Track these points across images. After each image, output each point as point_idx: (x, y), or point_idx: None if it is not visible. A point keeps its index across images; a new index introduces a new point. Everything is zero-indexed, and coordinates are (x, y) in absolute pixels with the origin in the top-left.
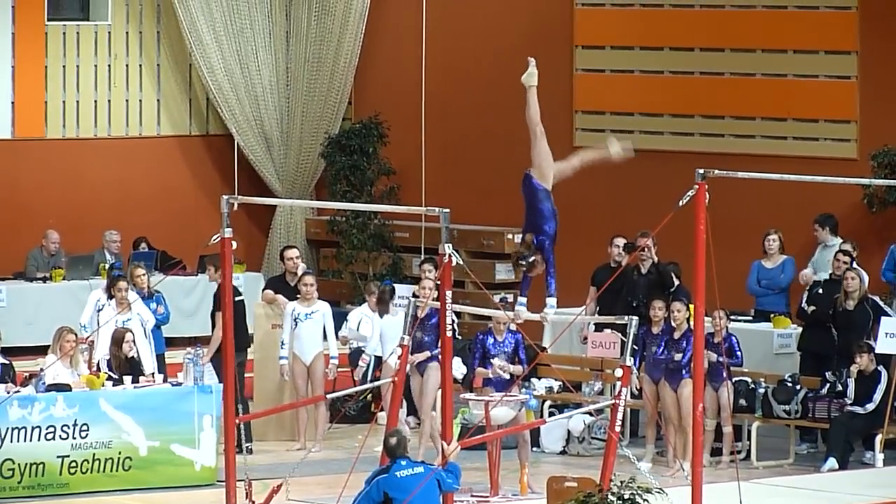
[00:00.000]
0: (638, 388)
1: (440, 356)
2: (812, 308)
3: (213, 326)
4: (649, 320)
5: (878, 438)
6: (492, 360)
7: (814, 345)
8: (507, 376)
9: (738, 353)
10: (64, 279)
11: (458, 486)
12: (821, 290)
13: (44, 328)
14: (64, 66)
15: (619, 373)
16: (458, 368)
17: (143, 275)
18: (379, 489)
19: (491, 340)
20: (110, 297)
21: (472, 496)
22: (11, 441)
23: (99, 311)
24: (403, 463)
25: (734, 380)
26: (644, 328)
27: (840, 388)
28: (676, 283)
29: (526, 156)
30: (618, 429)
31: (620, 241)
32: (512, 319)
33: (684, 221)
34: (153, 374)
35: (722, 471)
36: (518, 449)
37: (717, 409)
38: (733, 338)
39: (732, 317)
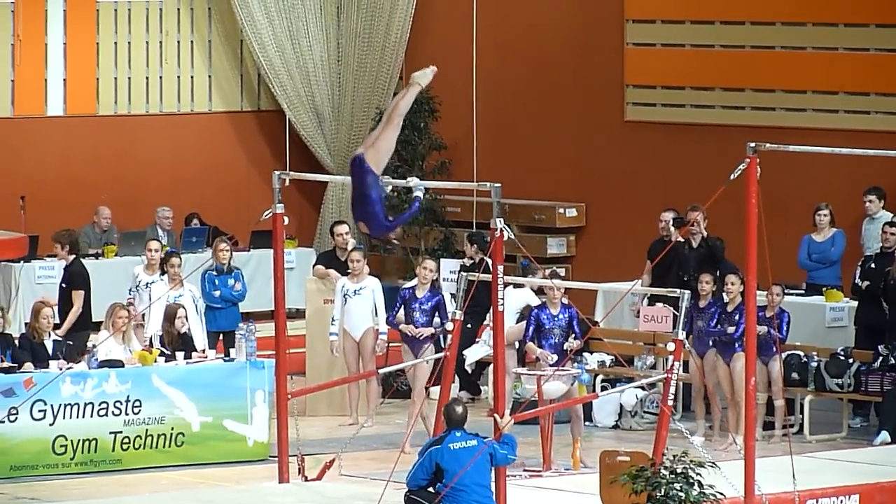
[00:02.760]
0: (685, 360)
1: (436, 337)
2: (866, 283)
3: (68, 303)
4: (697, 294)
5: None
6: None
7: (868, 319)
8: (551, 362)
9: (784, 329)
10: (116, 255)
11: (515, 456)
12: (873, 265)
13: (96, 304)
14: (115, 43)
15: (671, 346)
16: (478, 351)
17: (227, 249)
18: (431, 461)
19: (545, 315)
20: (163, 272)
21: (525, 470)
22: (64, 417)
23: (137, 286)
24: (458, 434)
25: (786, 354)
26: (691, 302)
27: (892, 361)
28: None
29: (577, 126)
30: (670, 403)
31: (668, 216)
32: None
33: (735, 195)
34: (204, 349)
35: (774, 445)
36: (571, 423)
37: (767, 382)
38: (785, 314)
39: (785, 291)
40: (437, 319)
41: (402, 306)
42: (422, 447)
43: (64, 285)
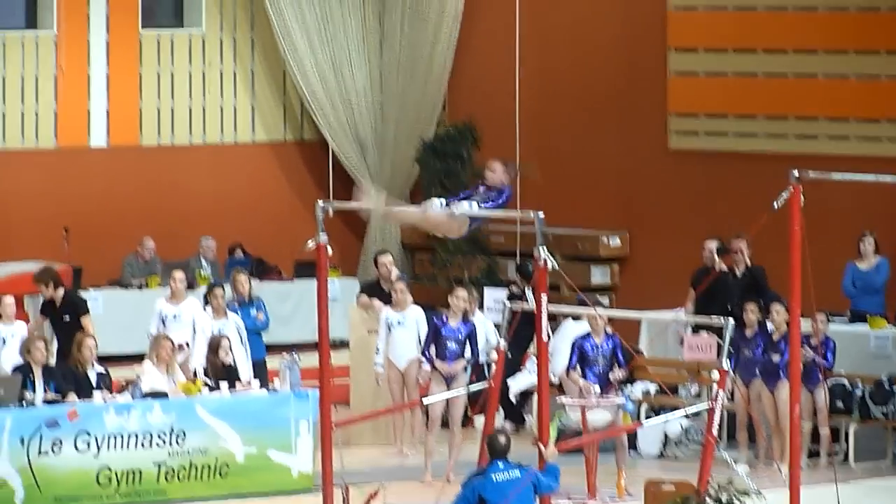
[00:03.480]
0: (731, 390)
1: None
2: None
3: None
4: (743, 323)
5: None
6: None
7: None
8: (595, 394)
9: (830, 356)
10: (160, 286)
11: (558, 485)
12: None
13: (140, 336)
14: (158, 74)
15: (715, 375)
16: (523, 380)
17: (245, 281)
18: (474, 492)
19: (589, 344)
20: (206, 303)
21: (570, 499)
22: (108, 449)
23: (164, 319)
24: (500, 465)
25: (830, 382)
26: (737, 331)
27: None
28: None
29: (620, 155)
30: (715, 431)
31: (712, 245)
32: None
33: (779, 223)
34: (249, 381)
35: (819, 473)
36: (615, 452)
37: (812, 410)
38: (830, 341)
39: (829, 318)
40: (468, 350)
41: (435, 336)
42: (465, 478)
43: (67, 318)
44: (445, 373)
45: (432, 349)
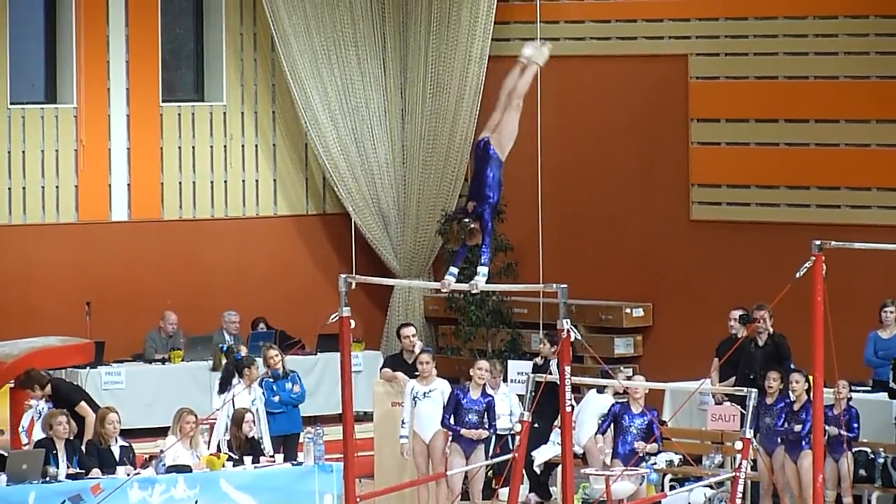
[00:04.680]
0: (753, 459)
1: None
2: None
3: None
4: (764, 391)
5: None
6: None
7: None
8: (604, 453)
9: (856, 426)
10: (183, 360)
11: None
12: None
13: (163, 410)
14: (179, 147)
15: (738, 445)
16: (547, 452)
17: (277, 355)
18: None
19: (626, 414)
20: (240, 376)
21: None
22: None
23: (235, 395)
24: None
25: (854, 450)
26: (760, 400)
27: None
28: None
29: (643, 225)
30: (738, 501)
31: (735, 313)
32: (439, 289)
33: (802, 292)
34: (272, 454)
35: None
36: None
37: (837, 479)
38: (853, 410)
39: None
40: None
41: (455, 407)
42: None
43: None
44: (474, 437)
45: (451, 419)
